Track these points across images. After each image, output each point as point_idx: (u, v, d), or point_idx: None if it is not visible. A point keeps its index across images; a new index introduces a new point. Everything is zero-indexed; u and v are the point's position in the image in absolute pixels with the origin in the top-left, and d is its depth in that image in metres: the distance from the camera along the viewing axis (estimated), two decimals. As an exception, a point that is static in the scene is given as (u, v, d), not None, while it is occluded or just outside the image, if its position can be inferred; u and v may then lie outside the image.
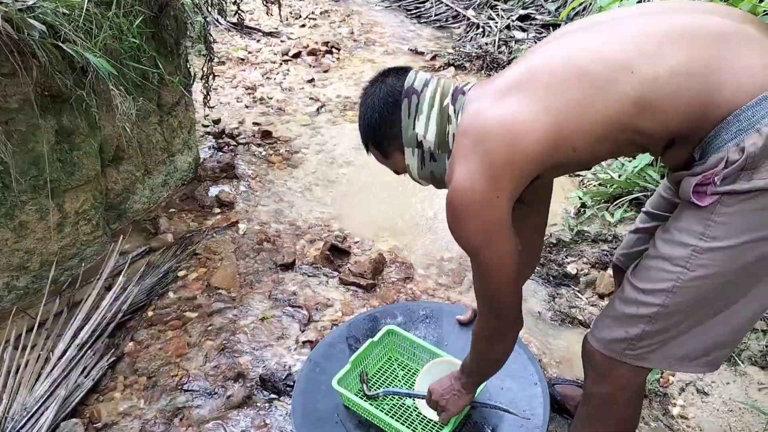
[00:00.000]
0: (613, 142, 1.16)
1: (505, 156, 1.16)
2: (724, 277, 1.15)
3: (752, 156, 1.04)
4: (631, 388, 1.38)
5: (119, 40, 2.34)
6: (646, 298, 1.23)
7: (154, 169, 2.90)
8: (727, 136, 1.07)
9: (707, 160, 1.09)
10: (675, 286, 1.18)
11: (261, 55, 4.85)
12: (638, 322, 1.25)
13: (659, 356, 1.29)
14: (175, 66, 2.88)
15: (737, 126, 1.06)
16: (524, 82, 1.19)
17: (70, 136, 2.31)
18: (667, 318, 1.22)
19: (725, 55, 1.07)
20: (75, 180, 2.37)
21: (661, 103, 1.09)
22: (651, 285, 1.22)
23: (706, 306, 1.20)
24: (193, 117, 3.18)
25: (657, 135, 1.14)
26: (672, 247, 1.19)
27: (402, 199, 3.06)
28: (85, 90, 2.22)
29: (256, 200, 3.05)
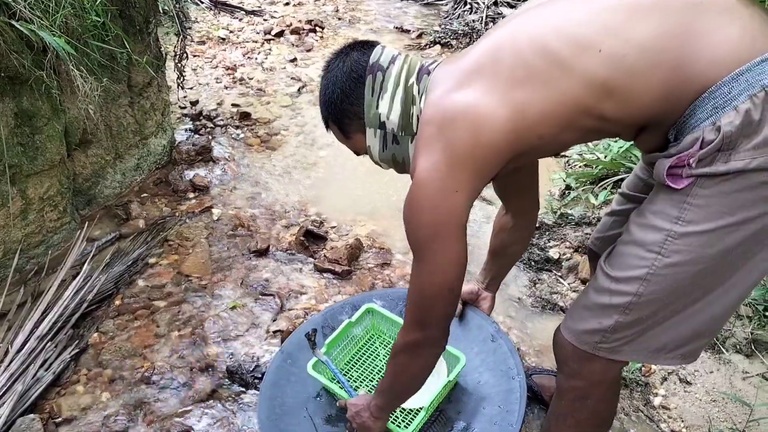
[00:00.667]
0: (579, 131, 1.08)
1: (467, 147, 1.08)
2: (700, 264, 1.07)
3: (729, 136, 0.95)
4: (606, 382, 1.31)
5: (81, 18, 2.24)
6: (620, 286, 1.14)
7: (125, 152, 2.80)
8: (702, 115, 0.98)
9: (682, 140, 1.01)
10: (649, 273, 1.10)
11: (243, 34, 4.72)
12: (612, 313, 1.17)
13: (634, 348, 1.20)
14: (145, 45, 2.77)
15: (713, 103, 0.97)
16: (488, 63, 1.10)
17: (32, 120, 2.21)
18: (642, 308, 1.13)
19: (700, 26, 0.98)
20: (38, 165, 2.27)
21: (630, 86, 1.01)
22: (624, 273, 1.14)
23: (682, 295, 1.12)
24: (166, 98, 3.07)
25: (626, 121, 1.06)
26: (646, 231, 1.10)
27: (382, 182, 2.97)
28: (45, 71, 2.12)
29: (232, 184, 2.96)
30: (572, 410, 1.37)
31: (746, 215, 1.01)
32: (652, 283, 1.10)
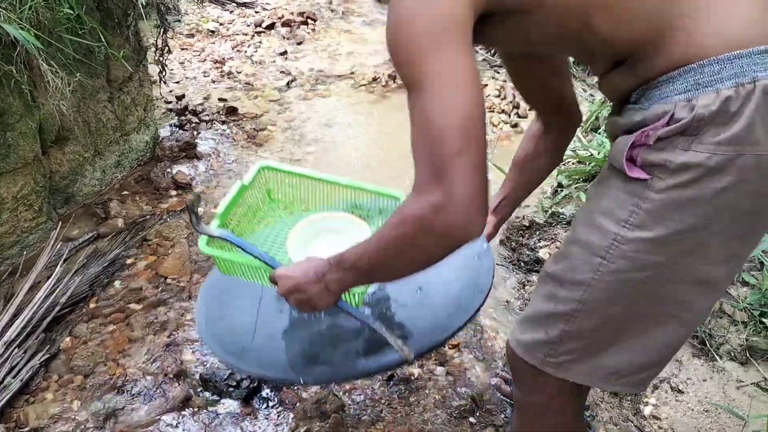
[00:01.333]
0: (562, 30, 0.95)
1: None
2: (649, 274, 0.96)
3: (700, 119, 0.85)
4: (566, 394, 1.16)
5: (53, 11, 2.16)
6: (564, 292, 1.04)
7: (105, 149, 2.73)
8: (680, 86, 0.88)
9: (649, 108, 0.91)
10: (593, 278, 0.99)
11: (233, 26, 4.63)
12: (557, 322, 1.05)
13: (584, 369, 1.07)
14: (124, 39, 2.68)
15: (696, 78, 0.86)
16: None
17: (2, 116, 2.13)
18: (588, 317, 1.02)
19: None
20: (10, 163, 2.20)
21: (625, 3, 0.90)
22: (569, 276, 1.03)
23: (631, 307, 1.01)
24: (149, 93, 2.99)
25: (606, 41, 0.94)
26: (592, 232, 1.00)
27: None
28: (15, 66, 2.05)
29: (216, 181, 2.88)
30: (532, 425, 1.25)
31: (698, 225, 0.91)
32: (596, 290, 1.00)
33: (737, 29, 0.86)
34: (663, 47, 0.89)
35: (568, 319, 1.04)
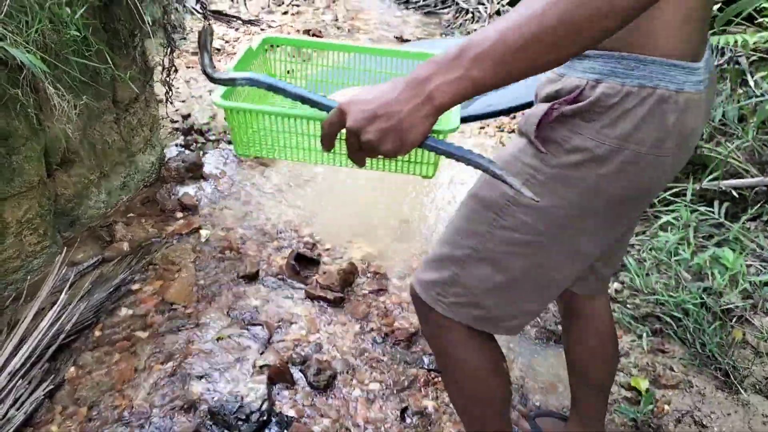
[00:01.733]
0: None
1: None
2: (531, 237, 1.08)
3: (596, 102, 0.94)
4: (461, 344, 1.23)
5: (59, 33, 2.12)
6: (461, 239, 1.15)
7: (111, 171, 2.69)
8: (599, 66, 0.95)
9: (567, 79, 0.99)
10: (487, 231, 1.11)
11: (238, 44, 4.61)
12: (450, 264, 1.16)
13: (468, 312, 1.18)
14: (131, 59, 2.65)
15: (613, 66, 0.93)
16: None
17: (7, 140, 2.09)
18: (477, 264, 1.13)
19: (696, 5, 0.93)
20: (15, 187, 2.16)
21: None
22: (467, 225, 1.15)
23: (514, 262, 1.12)
24: (155, 113, 2.96)
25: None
26: (492, 189, 1.09)
27: (380, 201, 2.87)
28: (21, 89, 2.01)
29: (223, 203, 2.84)
30: (441, 364, 1.34)
31: (578, 203, 1.03)
32: (488, 241, 1.11)
33: (678, 42, 0.93)
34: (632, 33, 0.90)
35: (461, 264, 1.15)
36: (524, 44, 0.71)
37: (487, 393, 1.30)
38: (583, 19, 0.69)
